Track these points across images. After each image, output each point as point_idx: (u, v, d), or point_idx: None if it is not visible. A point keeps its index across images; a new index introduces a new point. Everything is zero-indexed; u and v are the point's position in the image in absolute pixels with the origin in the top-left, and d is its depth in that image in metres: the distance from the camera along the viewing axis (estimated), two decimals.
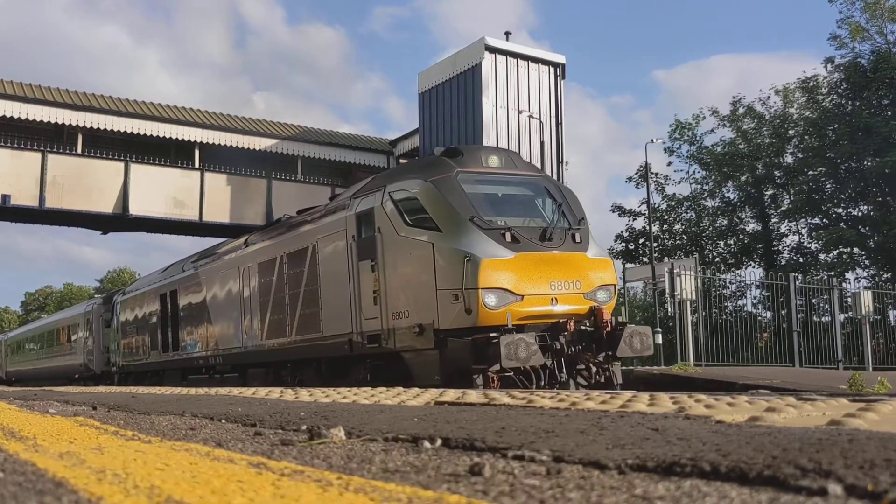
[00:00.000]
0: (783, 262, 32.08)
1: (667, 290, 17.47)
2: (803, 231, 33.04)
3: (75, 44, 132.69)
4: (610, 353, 9.61)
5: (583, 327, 9.81)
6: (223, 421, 3.95)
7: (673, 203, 35.49)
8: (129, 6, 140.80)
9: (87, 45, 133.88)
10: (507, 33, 21.98)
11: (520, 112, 20.54)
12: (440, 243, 9.58)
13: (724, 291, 27.84)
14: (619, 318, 10.28)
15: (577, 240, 10.10)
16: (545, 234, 9.82)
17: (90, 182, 22.74)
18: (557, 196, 10.70)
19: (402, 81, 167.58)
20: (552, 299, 9.48)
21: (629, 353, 9.65)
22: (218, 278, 15.73)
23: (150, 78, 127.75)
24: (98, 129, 23.28)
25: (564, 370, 9.32)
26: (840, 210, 31.55)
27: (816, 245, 31.70)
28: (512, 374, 8.89)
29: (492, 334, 8.92)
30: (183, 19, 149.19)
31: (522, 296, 9.29)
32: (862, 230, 29.31)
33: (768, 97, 33.32)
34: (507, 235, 9.53)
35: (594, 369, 9.52)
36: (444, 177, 10.16)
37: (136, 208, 23.18)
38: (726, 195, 34.59)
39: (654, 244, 31.00)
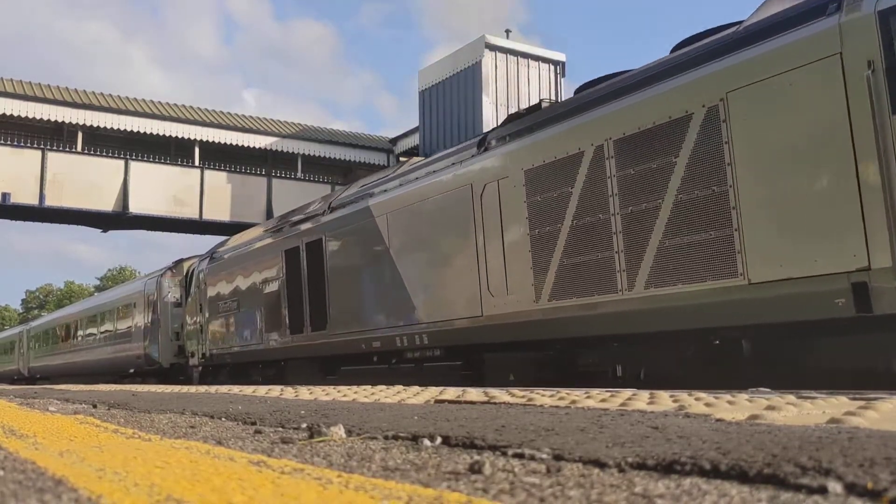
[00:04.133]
0: None
1: None
2: None
3: (62, 40, 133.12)
4: None
5: None
6: (223, 419, 3.95)
7: None
8: (114, 1, 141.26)
9: (74, 42, 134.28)
10: (508, 31, 22.07)
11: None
12: None
13: None
14: None
15: None
16: None
17: (90, 180, 22.79)
18: None
19: (394, 77, 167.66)
20: None
21: None
22: (413, 213, 10.32)
23: (140, 74, 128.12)
24: (98, 127, 23.34)
25: None
26: None
27: None
28: None
29: None
30: (169, 14, 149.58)
31: None
32: None
33: None
34: None
35: None
36: None
37: (136, 206, 23.23)
38: None
39: None
